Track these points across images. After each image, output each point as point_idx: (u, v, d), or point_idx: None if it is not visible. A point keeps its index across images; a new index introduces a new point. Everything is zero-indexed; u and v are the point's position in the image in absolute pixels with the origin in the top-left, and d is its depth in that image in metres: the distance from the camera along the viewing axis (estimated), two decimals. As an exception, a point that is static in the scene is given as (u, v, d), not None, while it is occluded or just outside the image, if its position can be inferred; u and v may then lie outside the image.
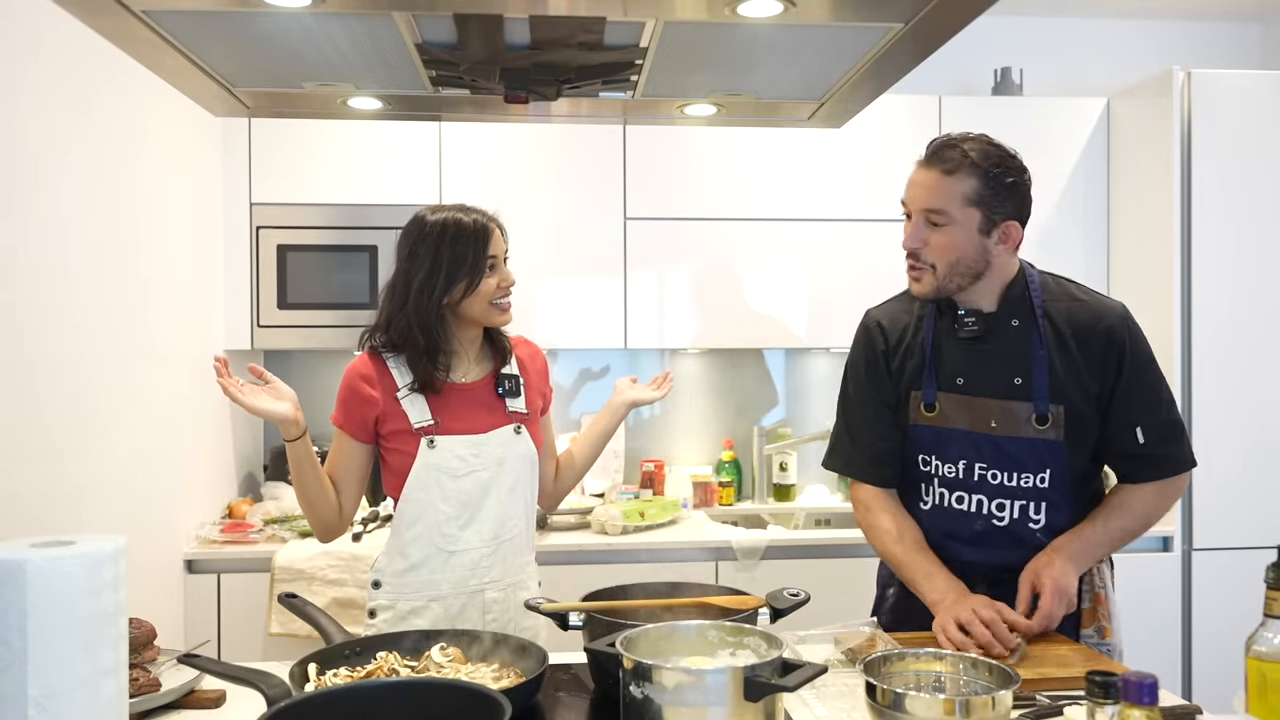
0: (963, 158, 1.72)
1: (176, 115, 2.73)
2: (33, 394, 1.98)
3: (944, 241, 1.72)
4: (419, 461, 1.85)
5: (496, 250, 1.92)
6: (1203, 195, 3.14)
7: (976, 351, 1.78)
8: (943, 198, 1.71)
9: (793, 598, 1.60)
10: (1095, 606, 1.81)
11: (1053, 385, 1.73)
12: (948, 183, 1.71)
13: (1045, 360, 1.74)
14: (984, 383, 1.77)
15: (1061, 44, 3.81)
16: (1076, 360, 1.74)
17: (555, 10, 1.32)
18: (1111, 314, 1.78)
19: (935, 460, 1.82)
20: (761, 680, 1.18)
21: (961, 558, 1.79)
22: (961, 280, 1.75)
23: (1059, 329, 1.76)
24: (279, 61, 1.55)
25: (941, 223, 1.72)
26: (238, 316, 3.16)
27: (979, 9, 1.31)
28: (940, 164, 1.73)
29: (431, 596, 1.87)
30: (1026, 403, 1.74)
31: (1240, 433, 3.14)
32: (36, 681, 1.07)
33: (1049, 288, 1.81)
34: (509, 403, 1.94)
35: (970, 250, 1.73)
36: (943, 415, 1.80)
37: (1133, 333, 1.77)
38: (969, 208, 1.71)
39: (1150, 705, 1.03)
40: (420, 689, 1.29)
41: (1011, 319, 1.78)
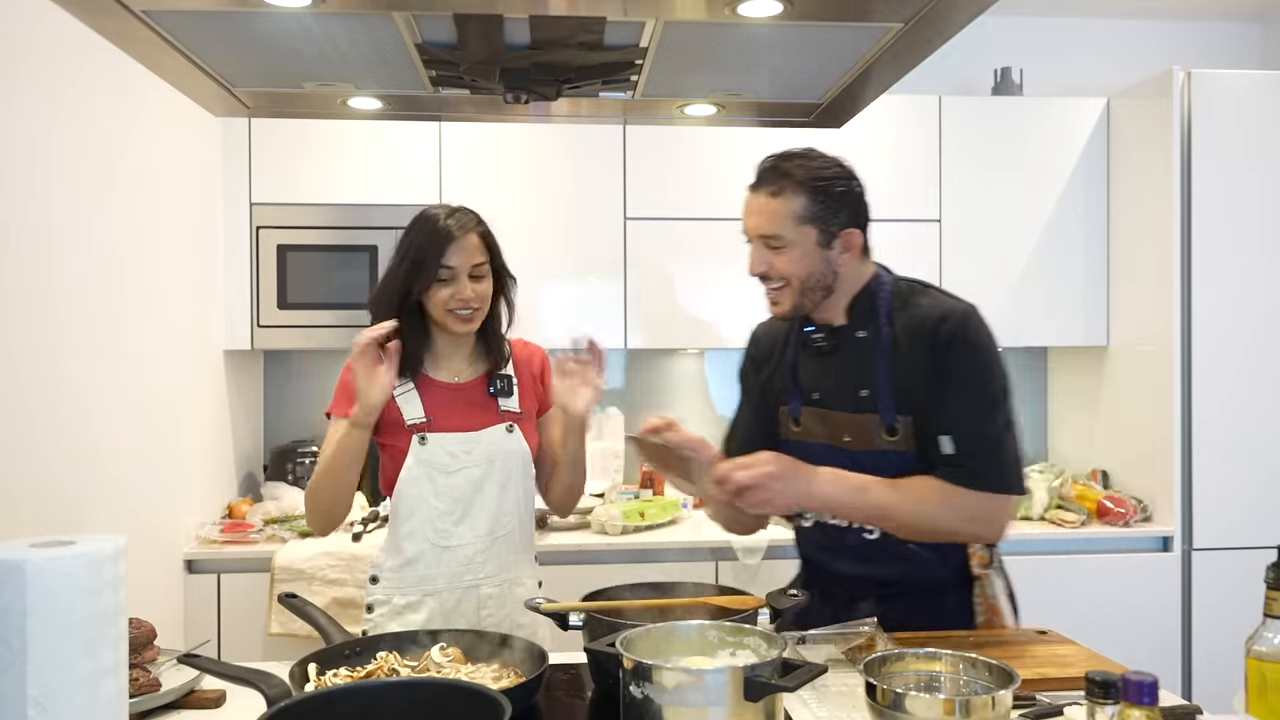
0: (786, 177, 1.68)
1: (176, 115, 2.73)
2: (32, 394, 1.98)
3: (788, 262, 1.69)
4: (410, 457, 1.88)
5: (455, 262, 1.88)
6: (1203, 195, 3.14)
7: (828, 365, 1.76)
8: (775, 222, 1.69)
9: (793, 598, 1.60)
10: (990, 619, 1.74)
11: (898, 396, 1.67)
12: (776, 205, 1.68)
13: (887, 371, 1.68)
14: (835, 397, 1.74)
15: (1061, 44, 3.81)
16: (914, 367, 1.67)
17: (555, 10, 1.32)
18: (948, 318, 1.67)
19: None
20: (761, 680, 1.18)
21: (843, 573, 1.76)
22: (815, 296, 1.72)
23: (901, 338, 1.70)
24: (279, 61, 1.55)
25: (778, 246, 1.69)
26: (238, 316, 3.16)
27: (979, 9, 1.31)
28: (766, 187, 1.70)
29: (427, 591, 1.89)
30: (875, 415, 1.69)
31: (1240, 433, 3.14)
32: (36, 681, 1.07)
33: (900, 295, 1.75)
34: (501, 402, 1.97)
35: (815, 266, 1.70)
36: (807, 430, 1.77)
37: (962, 336, 1.66)
38: (803, 226, 1.68)
39: (1150, 705, 1.03)
40: (420, 689, 1.29)
41: (858, 330, 1.74)
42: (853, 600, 1.73)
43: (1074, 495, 3.26)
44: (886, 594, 1.72)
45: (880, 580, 1.74)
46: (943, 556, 1.74)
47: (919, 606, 1.71)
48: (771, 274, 1.72)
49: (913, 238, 3.36)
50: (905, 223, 3.35)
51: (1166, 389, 3.14)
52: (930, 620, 1.69)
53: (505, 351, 2.01)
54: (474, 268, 1.91)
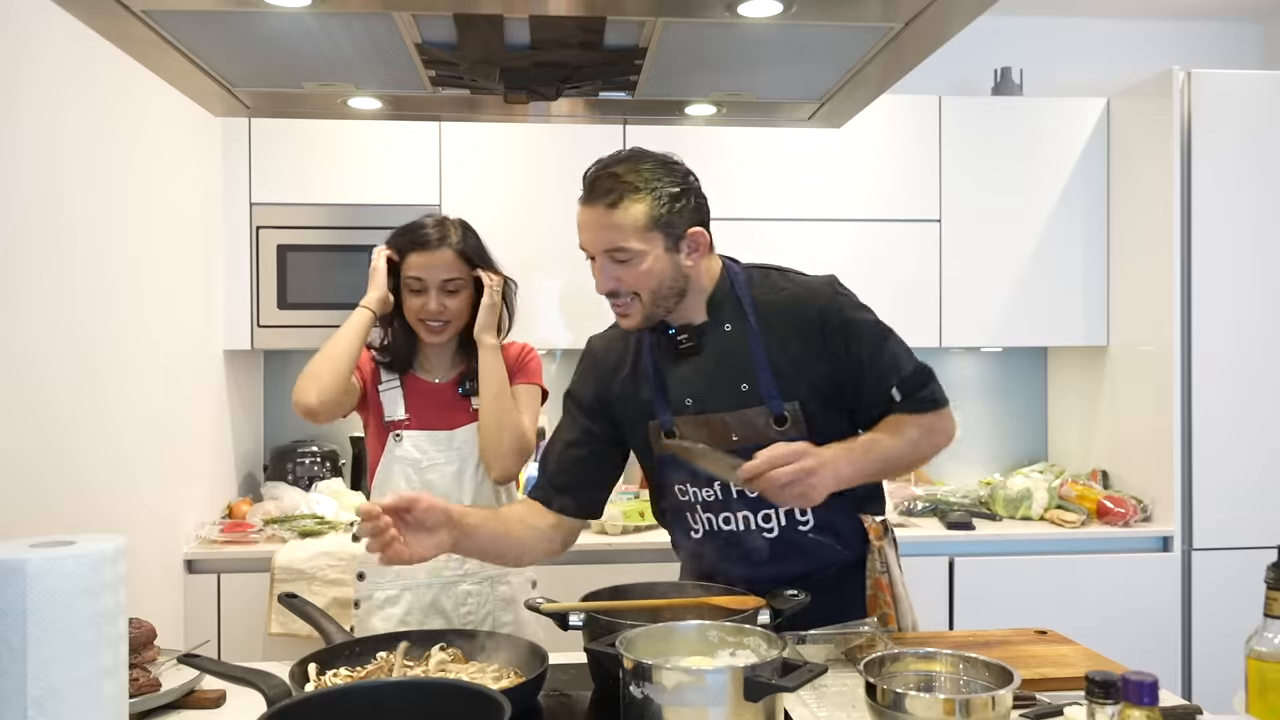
0: (622, 185, 1.60)
1: (176, 115, 2.73)
2: (32, 394, 1.98)
3: (637, 275, 1.61)
4: (386, 454, 1.99)
5: (422, 274, 1.95)
6: (1203, 195, 3.14)
7: (697, 367, 1.69)
8: (617, 234, 1.60)
9: (792, 598, 1.60)
10: (877, 593, 1.71)
11: (780, 383, 1.64)
12: (616, 216, 1.60)
13: (765, 359, 1.65)
14: (713, 397, 1.68)
15: (1061, 44, 3.81)
16: (796, 350, 1.65)
17: (555, 10, 1.32)
18: (818, 294, 1.67)
19: (691, 487, 1.73)
20: (761, 680, 1.18)
21: (747, 577, 1.68)
22: (667, 303, 1.66)
23: (772, 324, 1.67)
24: (279, 61, 1.55)
25: (626, 259, 1.61)
26: (238, 316, 3.16)
27: (979, 9, 1.31)
28: (602, 199, 1.61)
29: (405, 585, 1.97)
30: (760, 407, 1.65)
31: (1240, 433, 3.14)
32: (36, 681, 1.06)
33: (756, 283, 1.71)
34: (474, 401, 2.03)
35: (666, 272, 1.63)
36: (683, 439, 1.69)
37: (844, 304, 1.67)
38: (648, 234, 1.60)
39: (1150, 705, 1.03)
40: (420, 689, 1.29)
41: (723, 324, 1.69)
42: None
43: (1074, 495, 3.26)
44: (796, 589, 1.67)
45: (783, 579, 1.68)
46: (843, 540, 1.71)
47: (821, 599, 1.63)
48: (621, 289, 1.64)
49: (913, 238, 3.36)
50: (905, 223, 3.35)
51: (1166, 389, 3.14)
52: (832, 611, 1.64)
53: None
54: (444, 282, 1.96)
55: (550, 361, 3.64)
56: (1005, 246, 3.41)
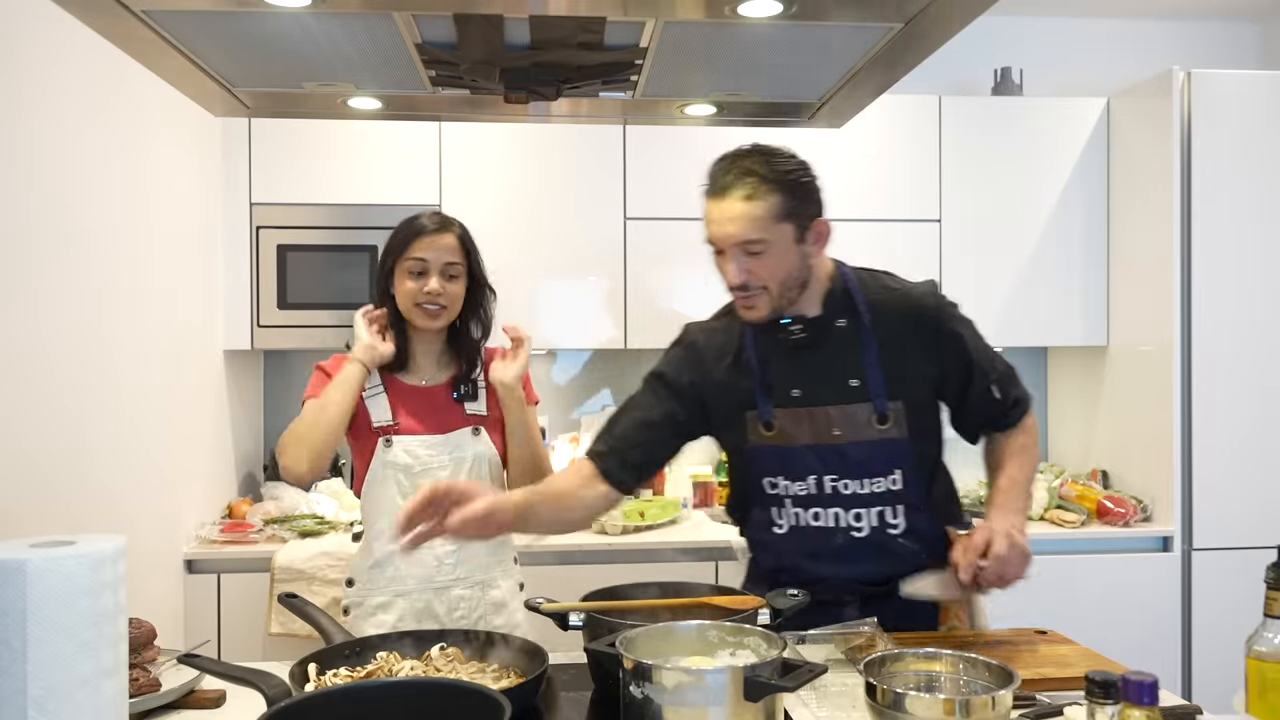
0: (754, 177, 1.63)
1: (177, 115, 2.73)
2: (32, 394, 1.98)
3: (769, 266, 1.64)
4: (376, 459, 1.94)
5: (426, 255, 1.93)
6: (1203, 195, 3.14)
7: (807, 360, 1.72)
8: (754, 226, 1.62)
9: (792, 598, 1.60)
10: (950, 605, 1.73)
11: (888, 381, 1.68)
12: (751, 208, 1.62)
13: (877, 356, 1.69)
14: (821, 390, 1.70)
15: (1061, 44, 3.81)
16: (909, 351, 1.70)
17: (555, 10, 1.33)
18: (925, 296, 1.76)
19: (783, 480, 1.73)
20: (761, 680, 1.18)
21: (827, 576, 1.71)
22: (791, 295, 1.68)
23: (883, 323, 1.71)
24: (279, 61, 1.55)
25: (760, 250, 1.63)
26: (238, 316, 3.16)
27: (979, 9, 1.31)
28: (736, 192, 1.63)
29: (398, 592, 1.93)
30: (866, 404, 1.68)
31: (1240, 433, 3.14)
32: (36, 681, 1.06)
33: (865, 283, 1.76)
34: (467, 406, 2.00)
35: (793, 264, 1.66)
36: (783, 432, 1.71)
37: (950, 308, 1.76)
38: (781, 224, 1.63)
39: (1150, 705, 1.03)
40: (420, 689, 1.29)
41: (837, 320, 1.72)
42: (839, 603, 1.70)
43: (1074, 495, 3.26)
44: (874, 594, 1.70)
45: (864, 580, 1.71)
46: (928, 548, 1.73)
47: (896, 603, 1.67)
48: (752, 282, 1.66)
49: (913, 238, 3.36)
50: (905, 223, 3.35)
51: (1166, 389, 3.14)
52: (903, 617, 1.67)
53: (475, 356, 2.04)
54: (446, 265, 1.95)
55: (550, 361, 3.64)
56: (1005, 246, 3.41)
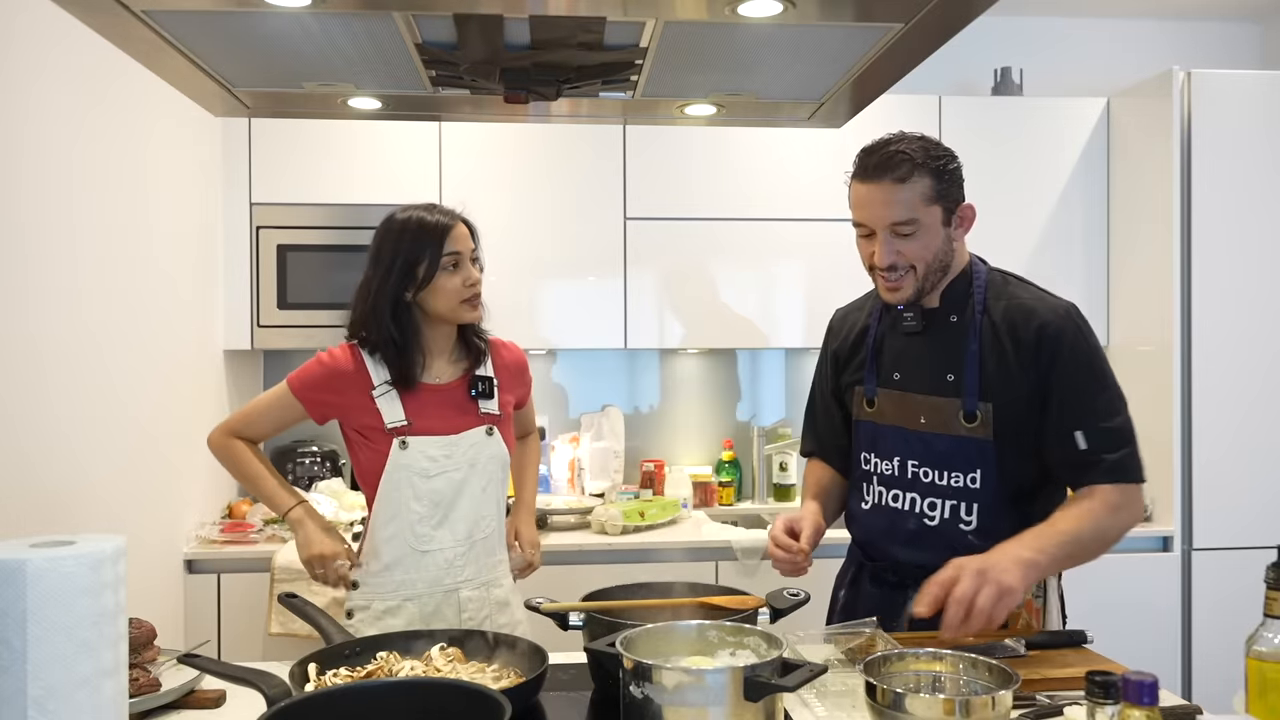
0: (908, 161, 1.68)
1: (176, 115, 2.73)
2: (32, 393, 1.98)
3: (918, 247, 1.70)
4: (391, 462, 1.87)
5: (459, 247, 1.90)
6: (1203, 195, 3.14)
7: (914, 347, 1.78)
8: (907, 208, 1.67)
9: (793, 598, 1.60)
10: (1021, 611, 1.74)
11: (983, 383, 1.69)
12: (905, 190, 1.67)
13: (976, 357, 1.70)
14: (917, 378, 1.76)
15: (1061, 44, 3.81)
16: (1009, 359, 1.69)
17: (555, 10, 1.32)
18: (1050, 313, 1.70)
19: (874, 458, 1.82)
20: (761, 680, 1.18)
21: (897, 558, 1.77)
22: (935, 277, 1.73)
23: (995, 326, 1.72)
24: (279, 61, 1.55)
25: (910, 231, 1.68)
26: (238, 316, 3.16)
27: (979, 9, 1.31)
28: (890, 174, 1.68)
29: (406, 596, 1.89)
30: (956, 399, 1.71)
31: (1240, 433, 3.14)
32: (36, 681, 1.06)
33: (995, 284, 1.77)
34: (481, 404, 1.96)
35: (940, 246, 1.72)
36: (880, 411, 1.81)
37: (1072, 334, 1.69)
38: (931, 206, 1.69)
39: (1150, 705, 1.03)
40: (420, 689, 1.29)
41: (950, 315, 1.76)
42: (902, 585, 1.74)
43: (1074, 495, 3.26)
44: None
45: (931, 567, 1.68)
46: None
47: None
48: (900, 262, 1.70)
49: (913, 238, 3.36)
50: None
51: (1166, 389, 3.14)
52: None
53: (484, 349, 2.01)
54: (472, 252, 1.93)
55: (550, 361, 3.64)
56: (1005, 246, 3.41)
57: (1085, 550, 1.66)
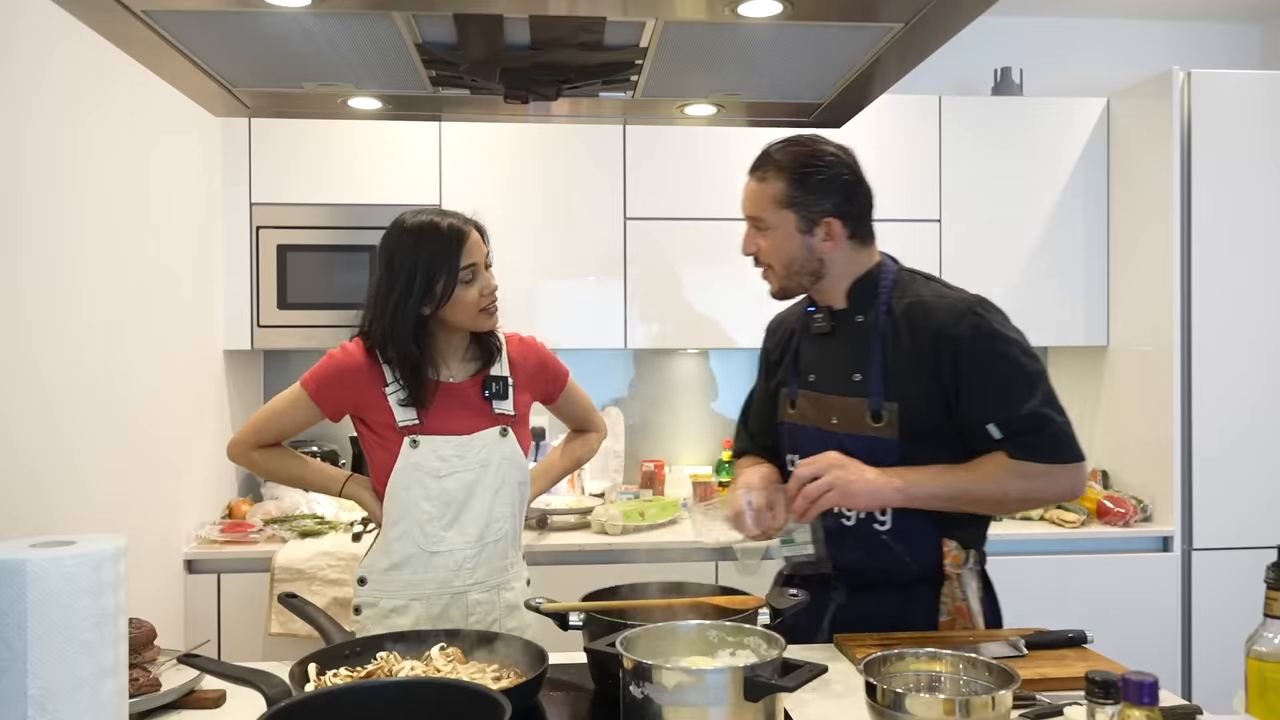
0: (772, 163, 1.75)
1: (176, 115, 2.73)
2: (33, 393, 1.98)
3: (769, 245, 1.77)
4: (401, 461, 1.85)
5: (474, 258, 1.85)
6: (1203, 195, 3.14)
7: (825, 348, 1.81)
8: (758, 205, 1.76)
9: (793, 598, 1.60)
10: (955, 619, 1.73)
11: (889, 382, 1.70)
12: (761, 189, 1.76)
13: (880, 357, 1.71)
14: (829, 379, 1.78)
15: (1061, 44, 3.81)
16: (910, 357, 1.69)
17: (555, 10, 1.33)
18: (947, 312, 1.69)
19: (797, 458, 1.79)
20: (761, 680, 1.18)
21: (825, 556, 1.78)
22: (801, 279, 1.78)
23: (897, 325, 1.72)
24: (279, 61, 1.55)
25: (762, 227, 1.76)
26: (238, 316, 3.16)
27: (979, 9, 1.31)
28: (756, 171, 1.78)
29: (414, 596, 1.87)
30: (864, 399, 1.71)
31: (1240, 433, 3.14)
32: (36, 681, 1.07)
33: (901, 283, 1.77)
34: (495, 405, 1.93)
35: (796, 251, 1.74)
36: (801, 413, 1.82)
37: (969, 331, 1.67)
38: (782, 210, 1.74)
39: (1150, 705, 1.03)
40: (420, 689, 1.29)
41: (856, 314, 1.78)
42: (826, 586, 1.74)
43: (1074, 495, 3.26)
44: (860, 584, 1.74)
45: (853, 569, 1.75)
46: (914, 552, 1.73)
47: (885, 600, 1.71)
48: (759, 256, 1.80)
49: (913, 238, 3.36)
50: (905, 223, 3.35)
51: (1166, 389, 3.14)
52: (893, 616, 1.70)
53: (498, 348, 1.97)
54: (486, 258, 1.90)
55: (550, 361, 3.64)
56: (1005, 246, 3.41)
57: (978, 504, 1.68)
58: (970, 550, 1.75)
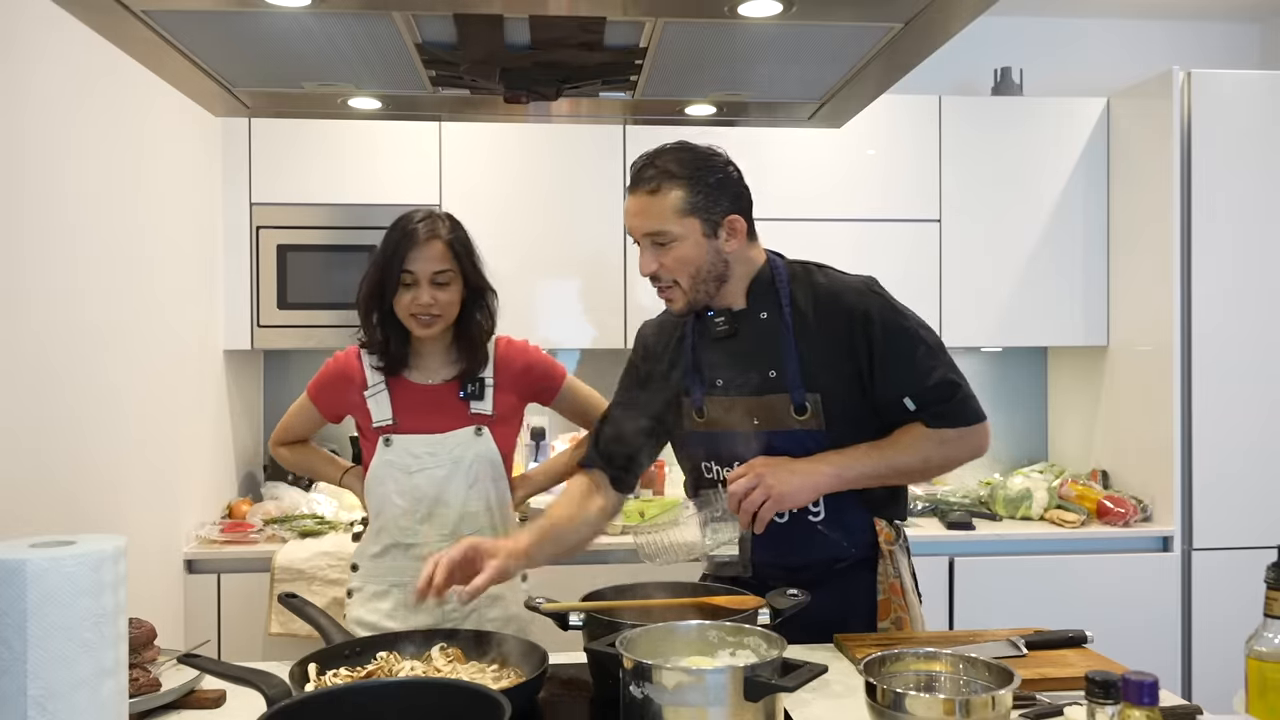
0: (662, 173, 1.69)
1: (177, 115, 2.73)
2: (33, 394, 1.98)
3: (675, 258, 1.70)
4: (376, 458, 1.98)
5: (416, 267, 1.91)
6: (1203, 195, 3.14)
7: (730, 351, 1.76)
8: (657, 218, 1.69)
9: (792, 598, 1.60)
10: (890, 597, 1.73)
11: (805, 373, 1.70)
12: (656, 202, 1.68)
13: (794, 348, 1.71)
14: (741, 381, 1.74)
15: (1061, 44, 3.81)
16: (825, 344, 1.70)
17: (555, 10, 1.33)
18: (849, 291, 1.72)
19: (716, 465, 1.78)
20: (761, 680, 1.18)
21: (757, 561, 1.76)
22: (708, 287, 1.73)
23: (804, 316, 1.73)
24: (279, 61, 1.55)
25: (665, 242, 1.69)
26: (238, 316, 3.16)
27: (979, 9, 1.31)
28: (644, 185, 1.70)
29: (395, 582, 1.99)
30: (784, 394, 1.71)
31: (1240, 433, 3.14)
32: (36, 682, 1.06)
33: (796, 276, 1.78)
34: (472, 405, 2.00)
35: (704, 257, 1.70)
36: (711, 419, 1.77)
37: (878, 308, 1.69)
38: (685, 219, 1.68)
39: (1150, 705, 1.03)
40: (420, 689, 1.30)
41: (760, 312, 1.76)
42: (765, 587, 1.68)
43: (1074, 495, 3.26)
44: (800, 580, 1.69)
45: (787, 567, 1.73)
46: (852, 538, 1.74)
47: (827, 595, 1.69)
48: (662, 273, 1.72)
49: (913, 238, 3.36)
50: (905, 223, 3.35)
51: (1166, 389, 3.14)
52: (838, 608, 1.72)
53: (483, 356, 2.03)
54: (436, 274, 1.93)
55: (550, 361, 3.64)
56: (1005, 246, 3.41)
57: (903, 475, 1.73)
58: (896, 525, 1.78)
